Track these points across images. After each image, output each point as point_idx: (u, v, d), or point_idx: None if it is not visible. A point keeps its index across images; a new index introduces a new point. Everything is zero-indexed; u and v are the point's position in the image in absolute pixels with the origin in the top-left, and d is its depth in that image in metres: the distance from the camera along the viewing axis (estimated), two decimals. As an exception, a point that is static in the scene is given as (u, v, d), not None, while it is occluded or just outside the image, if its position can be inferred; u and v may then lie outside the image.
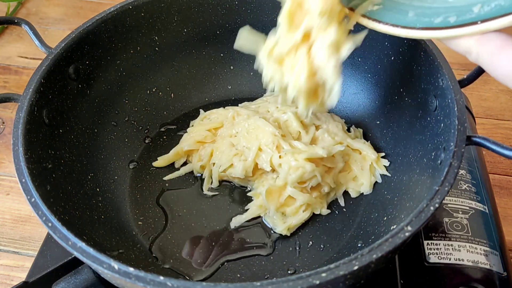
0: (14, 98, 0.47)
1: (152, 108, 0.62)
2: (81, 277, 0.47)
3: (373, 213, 0.52)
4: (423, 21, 0.37)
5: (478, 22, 0.33)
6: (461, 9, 0.35)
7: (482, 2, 0.33)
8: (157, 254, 0.50)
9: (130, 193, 0.55)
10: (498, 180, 0.66)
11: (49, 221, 0.37)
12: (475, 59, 0.34)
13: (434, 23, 0.36)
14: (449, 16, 0.35)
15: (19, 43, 0.85)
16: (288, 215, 0.52)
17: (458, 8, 0.35)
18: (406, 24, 0.38)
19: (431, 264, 0.48)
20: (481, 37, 0.33)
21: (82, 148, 0.53)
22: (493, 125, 0.73)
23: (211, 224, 0.53)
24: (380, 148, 0.57)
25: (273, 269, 0.49)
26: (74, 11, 0.93)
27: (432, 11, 0.37)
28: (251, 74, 0.65)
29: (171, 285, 0.32)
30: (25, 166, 0.41)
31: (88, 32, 0.53)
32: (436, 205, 0.37)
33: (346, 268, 0.33)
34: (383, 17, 0.39)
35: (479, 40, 0.33)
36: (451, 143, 0.40)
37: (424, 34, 0.36)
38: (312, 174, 0.51)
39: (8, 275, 0.56)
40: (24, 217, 0.61)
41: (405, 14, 0.38)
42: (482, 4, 0.33)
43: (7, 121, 0.73)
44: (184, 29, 0.61)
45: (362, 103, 0.60)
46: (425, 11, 0.37)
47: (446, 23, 0.35)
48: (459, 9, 0.35)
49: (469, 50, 0.34)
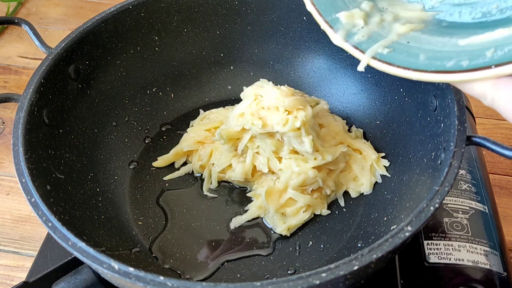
0: (14, 98, 0.47)
1: (152, 108, 0.62)
2: (81, 277, 0.47)
3: (373, 213, 0.52)
4: (435, 65, 0.36)
5: (492, 67, 0.32)
6: (473, 53, 0.34)
7: (495, 47, 0.33)
8: (157, 254, 0.50)
9: (130, 193, 0.55)
10: (498, 180, 0.66)
11: (49, 221, 0.37)
12: (490, 103, 0.33)
13: (446, 66, 0.35)
14: (462, 60, 0.34)
15: (19, 43, 0.85)
16: (288, 216, 0.52)
17: (470, 53, 0.34)
18: (417, 67, 0.37)
19: (431, 264, 0.48)
20: (497, 81, 0.32)
21: (82, 148, 0.53)
22: (493, 125, 0.73)
23: (211, 224, 0.53)
24: (380, 148, 0.57)
25: (273, 269, 0.49)
26: (74, 11, 0.93)
27: (443, 54, 0.36)
28: (251, 74, 0.65)
29: (171, 285, 0.32)
30: (25, 166, 0.41)
31: (88, 32, 0.53)
32: (436, 205, 0.37)
33: (346, 268, 0.33)
34: (394, 60, 0.38)
35: (494, 84, 0.32)
36: (451, 143, 0.40)
37: (437, 77, 0.36)
38: (314, 180, 0.51)
39: (8, 275, 0.56)
40: (24, 217, 0.61)
41: (416, 57, 0.37)
42: (495, 48, 0.33)
43: (7, 121, 0.73)
44: (184, 29, 0.61)
45: (362, 103, 0.60)
46: (436, 54, 0.36)
47: (459, 66, 0.34)
48: (471, 53, 0.34)
49: (484, 94, 0.33)
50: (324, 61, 0.62)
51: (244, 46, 0.64)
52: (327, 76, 0.63)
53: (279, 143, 0.51)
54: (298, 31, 0.62)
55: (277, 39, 0.63)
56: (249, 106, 0.51)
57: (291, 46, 0.63)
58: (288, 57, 0.64)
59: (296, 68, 0.64)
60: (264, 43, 0.63)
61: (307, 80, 0.64)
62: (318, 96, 0.62)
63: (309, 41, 0.62)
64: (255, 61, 0.64)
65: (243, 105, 0.51)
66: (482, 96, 0.34)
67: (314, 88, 0.63)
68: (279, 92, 0.50)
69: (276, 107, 0.49)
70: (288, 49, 0.63)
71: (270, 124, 0.49)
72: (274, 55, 0.64)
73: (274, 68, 0.65)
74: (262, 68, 0.65)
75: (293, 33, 0.62)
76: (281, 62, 0.64)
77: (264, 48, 0.64)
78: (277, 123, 0.49)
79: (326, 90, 0.63)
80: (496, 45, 0.33)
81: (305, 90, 0.62)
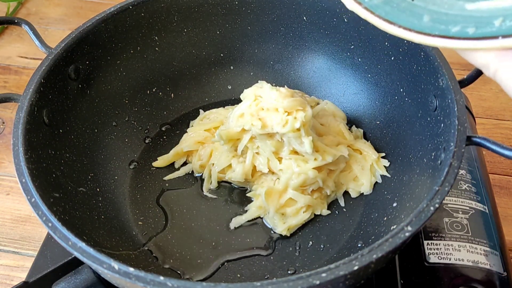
0: (14, 98, 0.47)
1: (152, 108, 0.62)
2: (81, 277, 0.47)
3: (373, 213, 0.52)
4: (439, 28, 0.34)
5: (499, 37, 0.30)
6: (480, 20, 0.32)
7: (504, 16, 0.31)
8: (157, 254, 0.50)
9: (130, 193, 0.55)
10: (498, 180, 0.66)
11: (49, 221, 0.37)
12: (493, 74, 0.32)
13: (451, 31, 0.33)
14: (468, 26, 0.33)
15: (19, 43, 0.85)
16: (288, 216, 0.52)
17: (477, 19, 0.33)
18: (421, 29, 0.35)
19: (431, 264, 0.48)
20: (502, 52, 0.31)
21: (82, 148, 0.53)
22: (493, 125, 0.73)
23: (211, 224, 0.53)
24: (380, 148, 0.57)
25: (273, 269, 0.49)
26: (74, 11, 0.93)
27: (449, 18, 0.34)
28: (251, 74, 0.65)
29: (171, 285, 0.32)
30: (25, 166, 0.41)
31: (88, 32, 0.53)
32: (436, 205, 0.37)
33: (346, 268, 0.33)
34: (396, 19, 0.36)
35: (499, 56, 0.31)
36: (451, 143, 0.40)
37: (440, 42, 0.34)
38: (314, 180, 0.51)
39: (8, 275, 0.56)
40: (24, 217, 0.61)
41: (419, 18, 0.35)
42: (504, 18, 0.31)
43: (7, 121, 0.73)
44: (184, 29, 0.61)
45: (362, 103, 0.60)
46: (441, 17, 0.35)
47: (464, 33, 0.32)
48: (478, 20, 0.33)
49: (487, 64, 0.32)
50: (324, 61, 0.62)
51: (244, 46, 0.64)
52: (327, 76, 0.63)
53: (279, 144, 0.51)
54: (298, 31, 0.62)
55: (277, 39, 0.63)
56: (249, 107, 0.51)
57: (291, 46, 0.63)
58: (288, 57, 0.64)
59: (296, 68, 0.64)
60: (264, 43, 0.63)
61: (307, 80, 0.64)
62: (318, 96, 0.62)
63: (309, 41, 0.62)
64: (255, 61, 0.64)
65: (243, 106, 0.51)
66: (484, 66, 0.32)
67: (314, 88, 0.63)
68: (278, 93, 0.50)
69: (275, 108, 0.49)
70: (288, 49, 0.63)
71: (269, 125, 0.49)
72: (274, 55, 0.64)
73: (274, 68, 0.65)
74: (262, 68, 0.65)
75: (293, 33, 0.62)
76: (281, 62, 0.64)
77: (264, 48, 0.64)
78: (276, 124, 0.49)
79: (326, 90, 0.63)
80: (505, 14, 0.31)
81: (305, 90, 0.62)
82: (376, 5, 0.37)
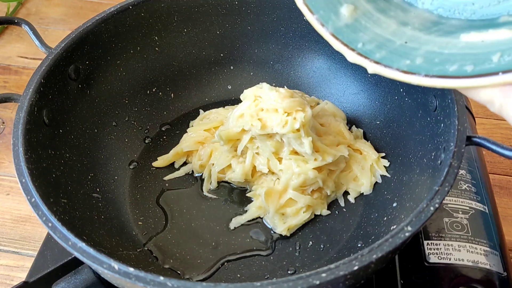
0: (14, 98, 0.47)
1: (152, 108, 0.62)
2: (81, 277, 0.47)
3: (373, 213, 0.52)
4: (436, 69, 0.33)
5: (499, 73, 0.30)
6: (477, 57, 0.31)
7: (501, 51, 0.30)
8: (157, 254, 0.50)
9: (130, 193, 0.55)
10: (498, 180, 0.66)
11: (49, 221, 0.37)
12: (498, 110, 0.31)
13: (449, 71, 0.32)
14: (465, 64, 0.32)
15: (19, 43, 0.85)
16: (288, 216, 0.52)
17: (474, 56, 0.32)
18: (418, 71, 0.34)
19: (431, 264, 0.48)
20: (505, 86, 0.30)
21: (82, 148, 0.53)
22: (493, 125, 0.73)
23: (211, 224, 0.53)
24: (380, 148, 0.57)
25: (273, 269, 0.49)
26: (74, 11, 0.93)
27: (444, 57, 0.33)
28: (251, 74, 0.65)
29: (171, 285, 0.32)
30: (25, 166, 0.41)
31: (88, 32, 0.53)
32: (436, 205, 0.37)
33: (346, 268, 0.33)
34: (393, 62, 0.35)
35: (503, 91, 0.30)
36: (451, 143, 0.40)
37: (439, 82, 0.32)
38: (314, 180, 0.51)
39: (8, 275, 0.56)
40: (24, 217, 0.61)
41: (414, 59, 0.34)
42: (502, 53, 0.30)
43: (7, 121, 0.73)
44: (184, 29, 0.61)
45: (362, 103, 0.60)
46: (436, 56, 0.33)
47: (463, 72, 0.31)
48: (475, 57, 0.31)
49: (491, 100, 0.31)
50: (324, 61, 0.62)
51: (244, 46, 0.64)
52: (327, 76, 0.63)
53: (279, 144, 0.51)
54: (298, 31, 0.62)
55: (277, 39, 0.63)
56: (249, 108, 0.51)
57: (291, 46, 0.63)
58: (288, 57, 0.64)
59: (296, 68, 0.64)
60: (264, 43, 0.63)
61: (307, 80, 0.64)
62: (318, 96, 0.63)
63: (309, 41, 0.62)
64: (255, 61, 0.65)
65: (243, 106, 0.51)
66: (489, 103, 0.31)
67: (314, 88, 0.63)
68: (278, 94, 0.50)
69: (275, 109, 0.50)
70: (288, 49, 0.64)
71: (269, 126, 0.49)
72: (274, 55, 0.64)
73: (274, 68, 0.65)
74: (262, 68, 0.65)
75: (293, 33, 0.62)
76: (281, 62, 0.64)
77: (264, 48, 0.64)
78: (276, 124, 0.49)
79: (326, 90, 0.63)
80: (502, 48, 0.31)
81: (305, 90, 0.62)
82: (371, 50, 0.36)
